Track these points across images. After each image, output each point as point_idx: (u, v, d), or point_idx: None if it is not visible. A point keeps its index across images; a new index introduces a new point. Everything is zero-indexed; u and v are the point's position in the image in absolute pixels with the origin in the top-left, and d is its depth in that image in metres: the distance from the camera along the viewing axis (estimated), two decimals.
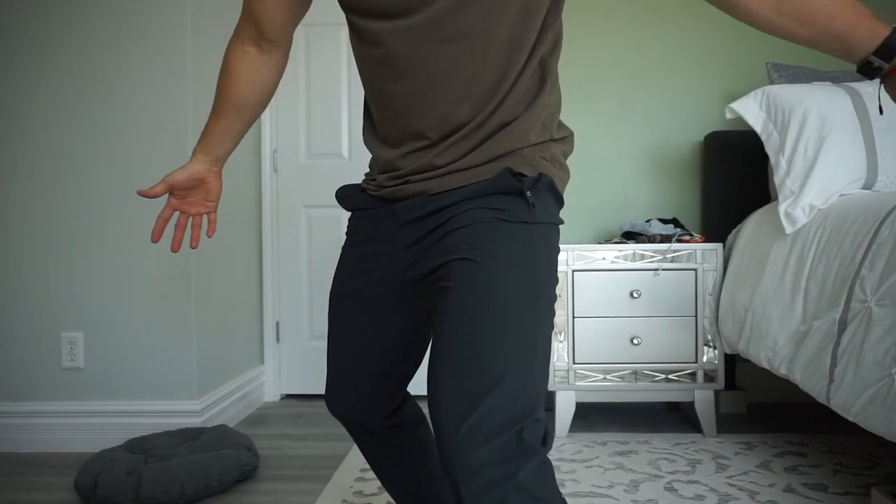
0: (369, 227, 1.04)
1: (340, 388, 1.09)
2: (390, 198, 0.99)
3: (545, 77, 0.95)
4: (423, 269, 0.95)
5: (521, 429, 0.76)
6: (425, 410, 1.38)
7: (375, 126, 1.01)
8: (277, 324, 2.87)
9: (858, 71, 0.84)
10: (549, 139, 0.97)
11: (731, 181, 2.57)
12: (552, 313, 0.89)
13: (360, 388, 1.08)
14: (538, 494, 0.74)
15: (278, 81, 1.15)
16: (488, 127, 0.92)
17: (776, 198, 2.13)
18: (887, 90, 0.84)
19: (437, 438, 0.78)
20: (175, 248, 1.15)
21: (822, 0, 0.82)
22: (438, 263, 0.90)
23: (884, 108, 0.74)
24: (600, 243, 2.36)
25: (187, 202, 1.17)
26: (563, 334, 2.23)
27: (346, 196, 1.09)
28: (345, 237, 1.10)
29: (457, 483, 0.74)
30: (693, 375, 2.22)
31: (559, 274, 2.22)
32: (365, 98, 1.04)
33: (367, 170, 1.08)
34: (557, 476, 1.86)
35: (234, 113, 1.11)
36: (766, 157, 2.48)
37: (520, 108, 0.93)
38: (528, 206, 0.89)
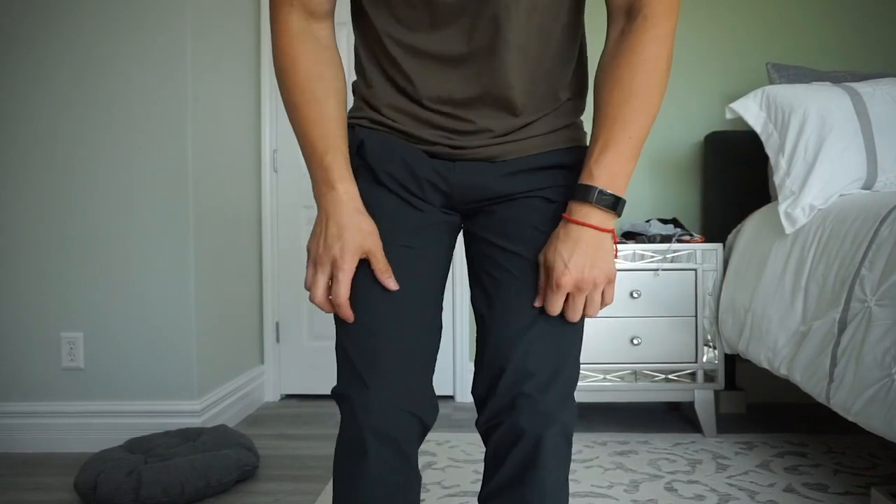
0: (410, 159, 0.91)
1: (396, 378, 0.84)
2: (445, 157, 0.90)
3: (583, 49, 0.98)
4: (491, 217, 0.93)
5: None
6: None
7: (408, 83, 0.89)
8: (277, 324, 2.87)
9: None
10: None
11: (731, 181, 2.57)
12: None
13: (418, 372, 0.88)
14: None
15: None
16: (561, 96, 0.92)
17: (776, 198, 2.13)
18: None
19: (520, 381, 0.83)
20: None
21: (612, 107, 0.84)
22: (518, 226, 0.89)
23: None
24: None
25: None
26: None
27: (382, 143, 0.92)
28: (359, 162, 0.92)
29: (539, 432, 0.82)
30: (693, 375, 2.22)
31: None
32: (384, 61, 0.90)
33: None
34: None
35: (343, 109, 0.90)
36: (766, 157, 2.48)
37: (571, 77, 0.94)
38: None
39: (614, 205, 0.83)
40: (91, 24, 2.16)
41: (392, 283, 0.85)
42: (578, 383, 2.24)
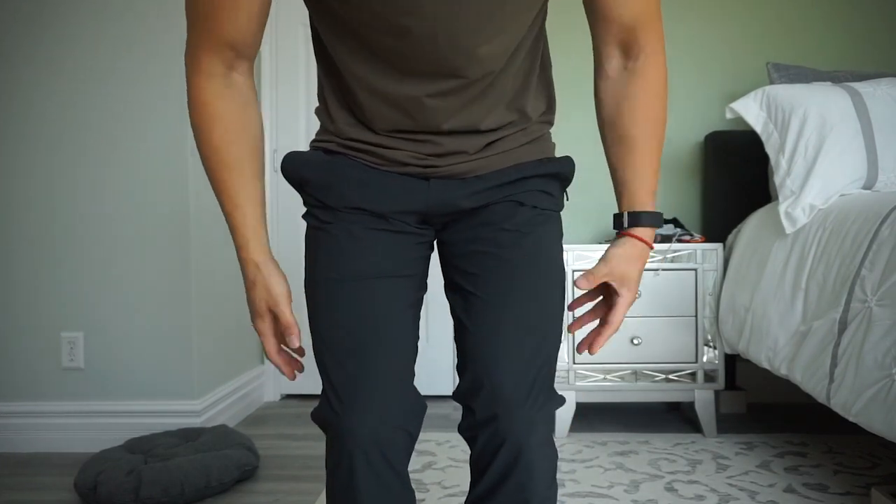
0: (380, 180, 0.90)
1: (381, 397, 0.85)
2: (419, 175, 0.90)
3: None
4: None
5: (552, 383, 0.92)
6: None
7: (367, 119, 0.90)
8: None
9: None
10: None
11: (731, 181, 2.57)
12: None
13: (401, 378, 0.88)
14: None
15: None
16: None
17: (776, 198, 2.13)
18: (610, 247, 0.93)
19: (497, 393, 0.84)
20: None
21: (637, 139, 0.90)
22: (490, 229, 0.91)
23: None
24: (600, 243, 2.36)
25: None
26: (563, 334, 2.23)
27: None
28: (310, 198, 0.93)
29: (521, 434, 0.84)
30: (693, 375, 2.22)
31: None
32: (356, 96, 0.87)
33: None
34: (557, 476, 1.86)
35: (258, 167, 0.89)
36: (766, 157, 2.48)
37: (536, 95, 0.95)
38: (563, 194, 0.99)
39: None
40: (94, 27, 2.16)
41: (295, 341, 0.92)
42: (578, 383, 2.26)
